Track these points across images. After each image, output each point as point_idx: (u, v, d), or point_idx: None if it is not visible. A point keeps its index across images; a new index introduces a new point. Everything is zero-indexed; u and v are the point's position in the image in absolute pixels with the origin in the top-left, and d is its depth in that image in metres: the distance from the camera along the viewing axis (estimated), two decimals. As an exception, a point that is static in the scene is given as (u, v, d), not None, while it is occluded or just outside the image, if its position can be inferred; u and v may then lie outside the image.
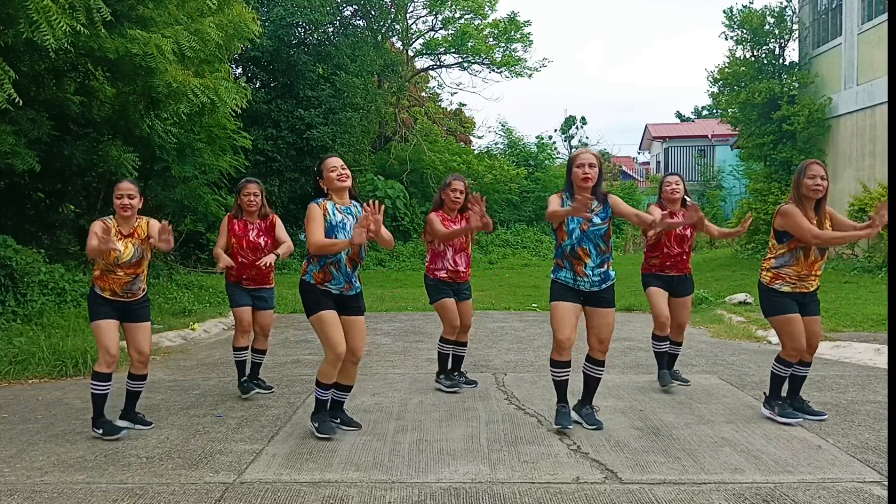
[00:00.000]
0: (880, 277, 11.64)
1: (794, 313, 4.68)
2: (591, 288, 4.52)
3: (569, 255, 4.52)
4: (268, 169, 19.13)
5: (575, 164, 4.51)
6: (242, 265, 5.56)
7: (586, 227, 4.47)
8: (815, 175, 4.59)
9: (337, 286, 4.42)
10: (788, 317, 4.68)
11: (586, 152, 4.57)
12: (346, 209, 4.46)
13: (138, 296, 4.69)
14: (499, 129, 34.12)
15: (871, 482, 3.69)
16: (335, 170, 4.42)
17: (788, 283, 4.70)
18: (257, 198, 5.54)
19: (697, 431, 4.59)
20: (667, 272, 5.76)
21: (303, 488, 3.68)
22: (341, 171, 4.43)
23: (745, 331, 8.55)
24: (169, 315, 9.73)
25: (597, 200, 4.48)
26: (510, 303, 12.02)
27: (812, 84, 15.93)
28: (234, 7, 10.10)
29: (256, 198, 5.54)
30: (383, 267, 19.98)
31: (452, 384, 5.74)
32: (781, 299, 4.71)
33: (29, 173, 9.81)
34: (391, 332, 9.00)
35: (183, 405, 5.43)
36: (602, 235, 4.50)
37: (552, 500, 3.50)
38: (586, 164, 4.46)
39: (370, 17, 23.78)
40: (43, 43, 6.88)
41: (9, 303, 8.00)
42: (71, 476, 3.90)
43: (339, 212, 4.42)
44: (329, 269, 4.39)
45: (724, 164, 29.47)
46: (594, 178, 4.47)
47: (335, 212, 4.41)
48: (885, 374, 6.21)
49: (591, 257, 4.48)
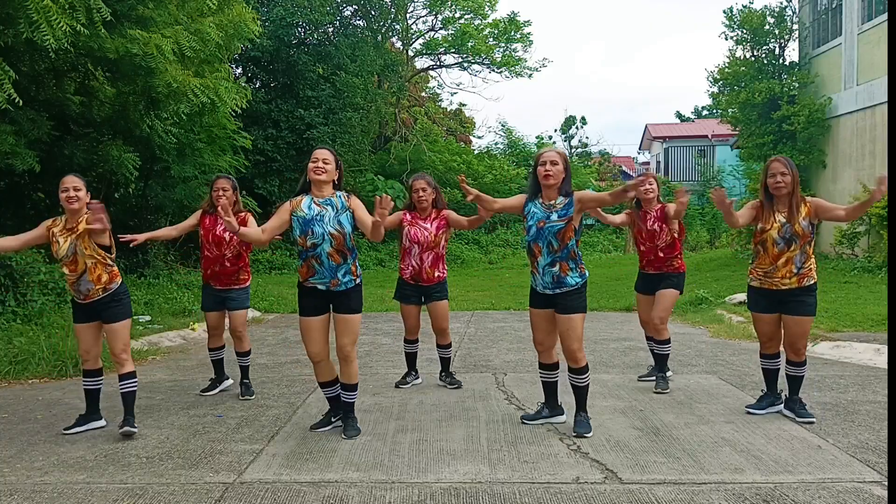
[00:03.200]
0: (880, 277, 11.64)
1: (760, 312, 4.83)
2: (545, 290, 4.47)
3: (529, 252, 4.55)
4: (268, 169, 19.14)
5: (538, 163, 4.50)
6: (207, 259, 5.62)
7: (542, 225, 4.42)
8: (775, 173, 4.66)
9: (322, 281, 4.39)
10: (753, 314, 4.92)
11: (550, 150, 4.55)
12: (325, 201, 4.40)
13: (95, 297, 4.54)
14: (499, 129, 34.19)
15: (871, 482, 3.69)
16: (315, 161, 4.39)
17: (757, 278, 4.81)
18: (226, 192, 5.50)
19: (697, 431, 4.59)
20: (646, 270, 5.85)
21: (303, 488, 3.67)
22: (321, 164, 4.38)
23: (745, 331, 8.54)
24: (169, 315, 9.73)
25: (561, 197, 4.45)
26: (510, 303, 12.02)
27: (812, 84, 15.92)
28: (234, 7, 10.11)
29: (226, 192, 5.50)
30: (383, 267, 19.98)
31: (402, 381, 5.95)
32: (752, 295, 4.91)
33: (29, 173, 9.81)
34: (391, 332, 8.99)
35: (183, 405, 5.43)
36: (555, 233, 4.40)
37: (552, 500, 3.50)
38: (548, 162, 4.43)
39: (370, 17, 23.78)
40: (43, 43, 6.88)
41: (9, 303, 8.00)
42: (71, 476, 3.90)
43: (318, 205, 4.38)
44: (311, 263, 4.38)
45: (724, 164, 29.45)
46: (556, 175, 4.41)
47: (311, 206, 4.38)
48: (885, 374, 6.21)
49: (543, 255, 4.43)
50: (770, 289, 4.72)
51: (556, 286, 4.44)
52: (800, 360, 4.81)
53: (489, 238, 23.69)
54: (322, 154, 4.43)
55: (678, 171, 33.27)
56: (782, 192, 4.63)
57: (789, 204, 4.64)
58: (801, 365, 4.83)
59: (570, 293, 4.44)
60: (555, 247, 4.42)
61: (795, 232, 4.61)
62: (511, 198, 4.83)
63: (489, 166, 25.17)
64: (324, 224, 4.34)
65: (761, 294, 4.79)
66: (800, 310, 4.68)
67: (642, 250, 5.82)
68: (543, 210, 4.46)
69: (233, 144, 13.62)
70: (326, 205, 4.39)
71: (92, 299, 4.56)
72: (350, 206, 4.41)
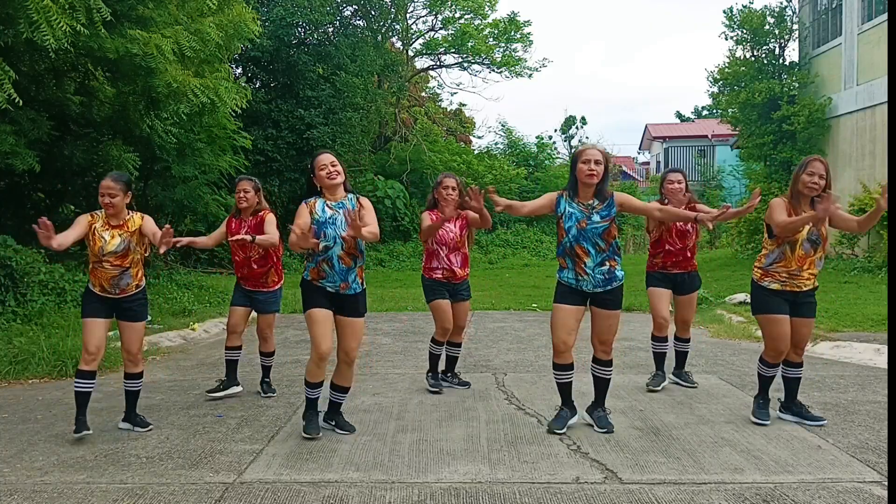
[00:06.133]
0: (880, 277, 11.64)
1: (781, 314, 4.60)
2: (595, 289, 4.45)
3: (569, 252, 4.47)
4: (268, 169, 19.14)
5: (580, 160, 4.42)
6: (236, 262, 5.63)
7: (584, 225, 4.40)
8: (815, 173, 4.50)
9: (332, 284, 4.39)
10: (773, 317, 4.62)
11: (592, 148, 4.47)
12: (337, 205, 4.41)
13: (128, 292, 4.60)
14: (499, 129, 34.17)
15: (871, 482, 3.69)
16: (325, 168, 4.38)
17: (778, 280, 4.62)
18: (248, 194, 5.50)
19: (697, 431, 4.59)
20: (670, 270, 5.73)
21: (303, 488, 3.67)
22: (331, 168, 4.38)
23: (745, 331, 8.54)
24: (169, 315, 9.74)
25: (598, 198, 4.43)
26: (510, 303, 12.01)
27: (812, 84, 15.93)
28: (234, 7, 10.11)
29: (247, 194, 5.50)
30: (383, 267, 19.98)
31: (435, 385, 5.76)
32: (770, 298, 4.64)
33: (29, 173, 9.81)
34: (391, 332, 9.00)
35: (183, 405, 5.43)
36: (601, 234, 4.40)
37: (552, 500, 3.50)
38: (592, 161, 4.37)
39: (370, 17, 23.79)
40: (43, 43, 6.88)
41: (9, 303, 8.00)
42: (71, 476, 3.90)
43: (330, 208, 4.39)
44: (322, 266, 4.37)
45: (724, 164, 29.47)
46: (599, 175, 4.39)
47: (325, 209, 4.39)
48: (885, 374, 6.21)
49: (591, 256, 4.41)
50: (793, 291, 4.60)
51: (606, 283, 4.44)
52: (799, 362, 4.77)
53: (489, 238, 23.69)
54: (329, 159, 4.43)
55: (678, 171, 33.22)
56: (813, 193, 4.51)
57: (812, 207, 4.52)
58: (799, 366, 4.79)
59: (616, 289, 4.48)
60: (602, 246, 4.41)
61: (821, 235, 4.56)
62: (538, 199, 4.69)
63: (489, 166, 25.16)
64: (336, 227, 4.34)
65: (783, 297, 4.62)
66: (811, 312, 4.66)
67: (669, 250, 5.68)
68: (581, 210, 4.42)
69: (233, 144, 13.63)
70: (339, 208, 4.39)
71: (125, 294, 4.60)
72: (361, 209, 4.41)
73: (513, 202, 4.63)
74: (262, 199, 5.61)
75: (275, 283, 5.66)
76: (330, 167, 4.38)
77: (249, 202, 5.51)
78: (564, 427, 4.58)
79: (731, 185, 27.89)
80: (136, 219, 4.66)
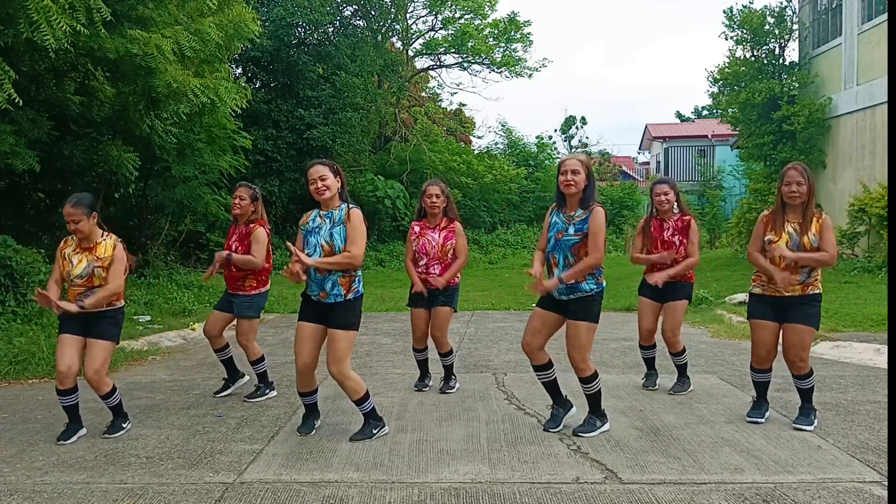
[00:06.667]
0: (880, 277, 11.64)
1: (761, 319, 4.62)
2: (560, 296, 4.43)
3: (549, 260, 4.50)
4: (268, 169, 19.13)
5: (559, 172, 4.44)
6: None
7: (560, 237, 4.39)
8: (791, 181, 4.48)
9: (312, 293, 4.39)
10: (753, 321, 4.71)
11: (571, 158, 4.46)
12: (327, 214, 4.36)
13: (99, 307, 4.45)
14: (499, 129, 34.11)
15: (871, 482, 3.70)
16: (314, 183, 4.29)
17: (760, 284, 4.66)
18: (243, 202, 5.42)
19: (697, 431, 4.59)
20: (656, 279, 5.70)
21: (303, 488, 3.68)
22: (320, 183, 4.27)
23: (745, 331, 8.48)
24: (169, 315, 9.74)
25: (582, 208, 4.38)
26: (510, 303, 12.02)
27: (812, 84, 15.92)
28: (234, 7, 10.10)
29: (242, 201, 5.42)
30: (383, 267, 19.98)
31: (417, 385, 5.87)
32: (754, 302, 4.71)
33: (29, 173, 9.81)
34: (391, 332, 9.00)
35: (183, 405, 5.43)
36: (570, 247, 4.36)
37: (552, 500, 3.50)
38: (568, 171, 4.36)
39: (370, 17, 23.78)
40: (43, 43, 6.88)
41: (9, 303, 7.99)
42: (71, 476, 3.90)
43: (321, 217, 4.39)
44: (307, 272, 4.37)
45: (724, 164, 29.44)
46: (577, 184, 4.34)
47: (316, 218, 4.41)
48: (885, 374, 6.21)
49: (559, 267, 4.40)
50: (773, 295, 4.57)
51: (570, 292, 4.40)
52: (802, 374, 4.60)
53: (489, 238, 23.69)
54: (318, 172, 4.28)
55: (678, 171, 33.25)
56: (796, 201, 4.48)
57: (802, 215, 4.50)
58: (803, 378, 4.62)
59: (582, 298, 4.39)
60: (571, 262, 4.36)
61: (803, 245, 4.45)
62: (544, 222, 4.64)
63: (489, 166, 25.15)
64: (318, 236, 4.34)
65: (764, 300, 4.62)
66: (800, 318, 4.48)
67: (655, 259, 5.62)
68: (564, 221, 4.42)
69: (233, 144, 13.61)
70: (327, 218, 4.37)
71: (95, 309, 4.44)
72: (347, 221, 4.30)
73: (537, 264, 4.50)
74: (258, 209, 5.48)
75: (253, 288, 5.45)
76: (319, 182, 4.28)
77: (243, 209, 5.43)
78: (559, 425, 4.60)
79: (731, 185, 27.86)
80: (109, 246, 4.52)
